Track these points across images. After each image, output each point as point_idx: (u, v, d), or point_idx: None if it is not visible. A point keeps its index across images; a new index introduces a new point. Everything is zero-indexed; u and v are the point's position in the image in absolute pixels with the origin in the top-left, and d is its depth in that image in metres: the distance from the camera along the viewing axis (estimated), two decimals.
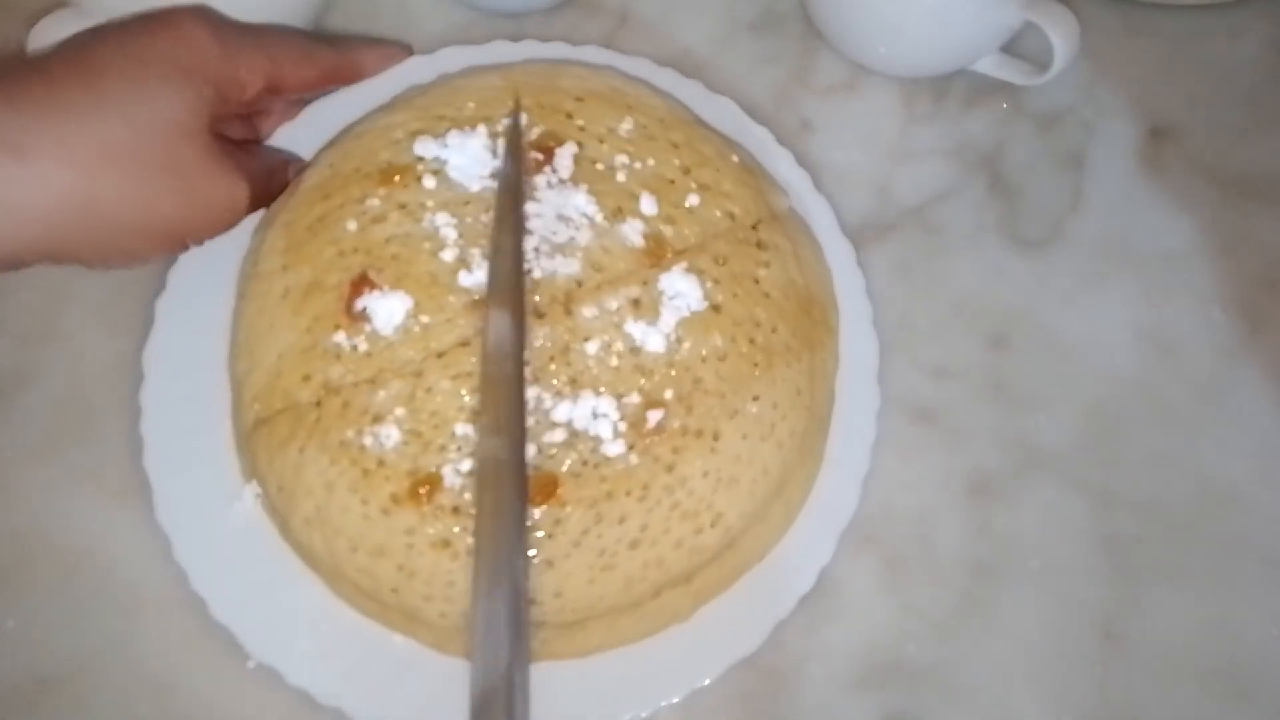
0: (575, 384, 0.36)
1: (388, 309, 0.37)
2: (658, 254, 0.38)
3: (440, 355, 0.37)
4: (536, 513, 0.35)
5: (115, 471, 0.40)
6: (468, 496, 0.35)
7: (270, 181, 0.40)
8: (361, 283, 0.37)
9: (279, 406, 0.37)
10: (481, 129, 0.40)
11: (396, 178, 0.39)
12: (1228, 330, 0.44)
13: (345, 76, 0.42)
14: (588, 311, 0.37)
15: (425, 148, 0.39)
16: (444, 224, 0.38)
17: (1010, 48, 0.45)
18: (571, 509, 0.35)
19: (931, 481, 0.41)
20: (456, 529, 0.35)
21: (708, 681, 0.36)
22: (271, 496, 0.37)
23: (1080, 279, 0.44)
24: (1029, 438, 0.42)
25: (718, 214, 0.40)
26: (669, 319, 0.37)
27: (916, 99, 0.47)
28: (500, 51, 0.44)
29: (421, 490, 0.35)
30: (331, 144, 0.41)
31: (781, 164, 0.43)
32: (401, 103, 0.42)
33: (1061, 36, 0.41)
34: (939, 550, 0.40)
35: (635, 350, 0.37)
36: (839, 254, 0.42)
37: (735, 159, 0.41)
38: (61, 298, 0.42)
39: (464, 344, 0.37)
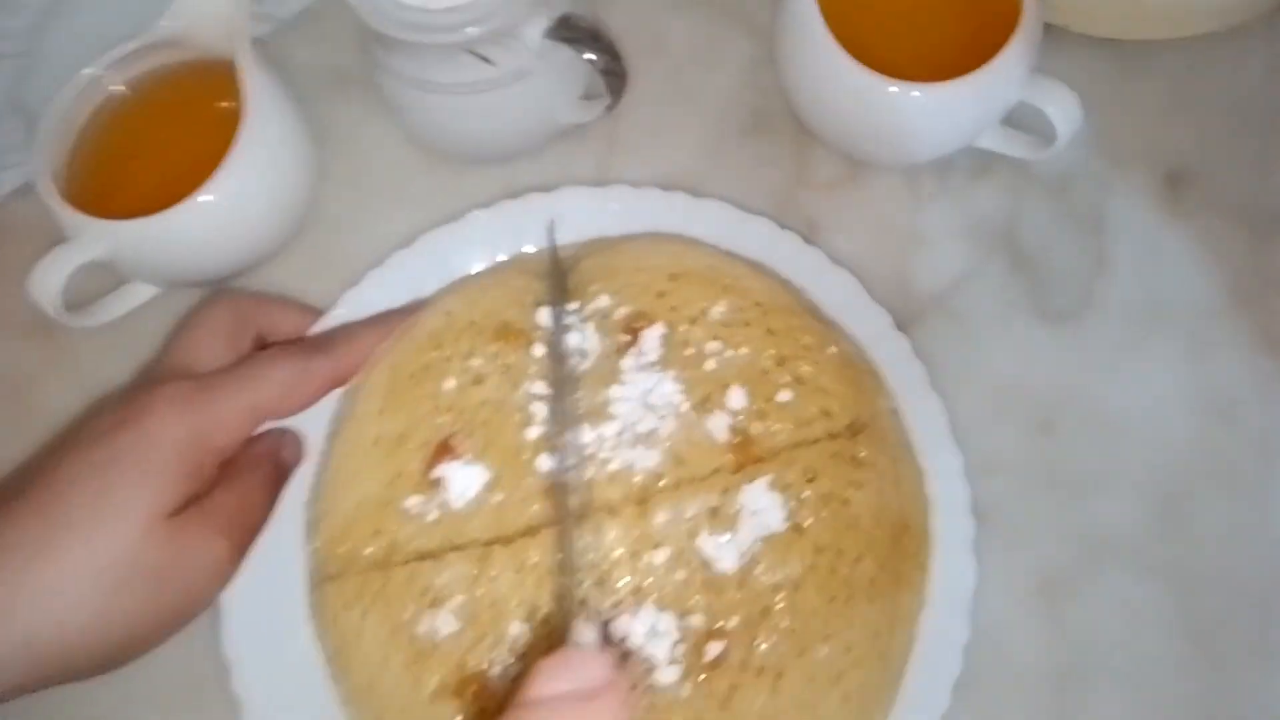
0: (639, 593, 0.35)
1: (464, 480, 0.37)
2: (744, 451, 0.37)
3: (507, 543, 0.36)
4: None
5: (165, 685, 0.39)
6: None
7: (261, 482, 0.38)
8: (444, 450, 0.37)
9: (344, 555, 0.37)
10: (576, 309, 0.40)
11: (510, 339, 0.39)
12: (1277, 377, 0.42)
13: (348, 376, 0.40)
14: (661, 516, 0.36)
15: (544, 317, 0.39)
16: (537, 398, 0.38)
17: (1011, 119, 0.44)
18: None
19: (996, 587, 0.39)
20: None
21: None
22: (330, 652, 0.37)
23: (1119, 347, 0.43)
24: (1092, 525, 0.41)
25: (813, 410, 0.38)
26: (746, 536, 0.35)
27: (921, 181, 0.46)
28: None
29: (469, 689, 0.35)
30: (451, 290, 0.41)
31: (789, 248, 0.42)
32: (533, 271, 0.41)
33: (1061, 113, 0.40)
34: (1015, 662, 0.39)
35: (706, 565, 0.35)
36: (922, 404, 0.40)
37: (834, 350, 0.39)
38: None
39: (531, 532, 0.36)
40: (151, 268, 0.42)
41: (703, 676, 0.34)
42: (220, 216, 0.40)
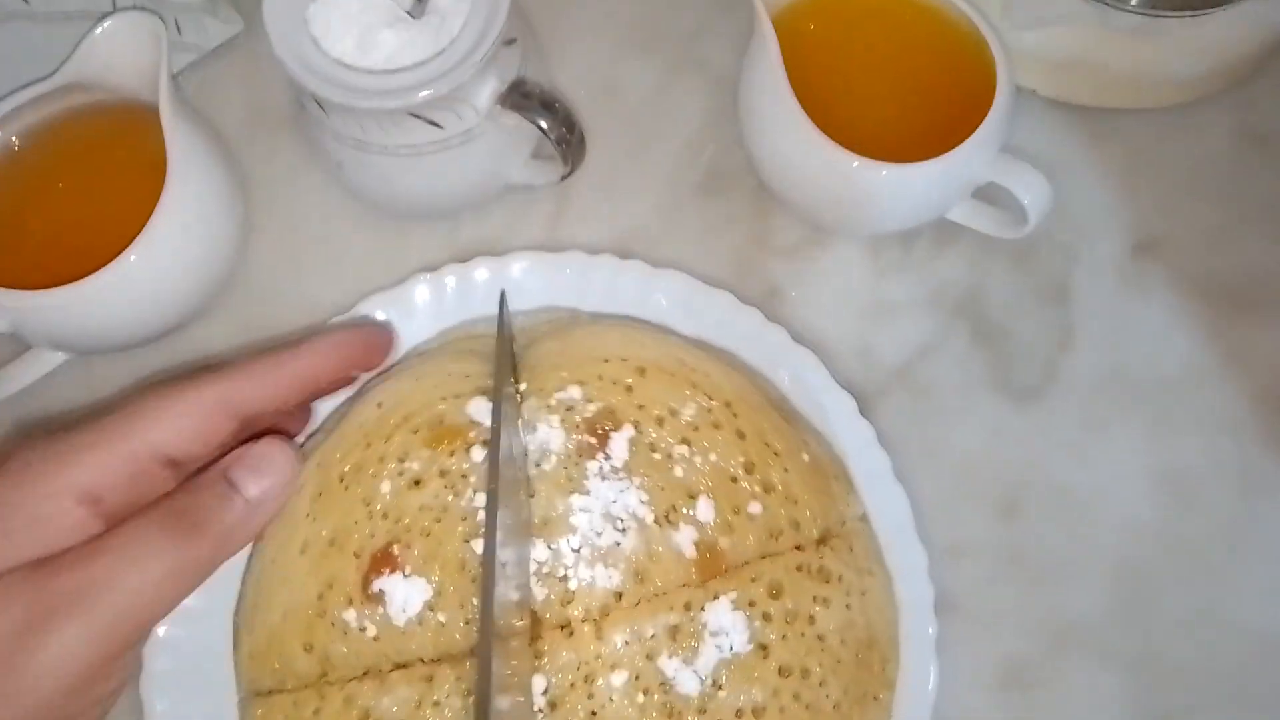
0: (595, 719, 0.33)
1: (405, 595, 0.34)
2: (710, 567, 0.34)
3: (454, 663, 0.34)
4: None
5: None
6: None
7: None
8: (384, 560, 0.34)
9: (274, 670, 0.34)
10: (537, 402, 0.36)
11: (445, 442, 0.35)
12: (1240, 458, 0.42)
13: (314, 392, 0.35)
14: (619, 637, 0.33)
15: (479, 410, 0.36)
16: (483, 506, 0.34)
17: (980, 193, 0.42)
18: None
19: (960, 679, 0.38)
20: None
21: None
22: None
23: (1083, 425, 0.42)
24: (1055, 612, 0.40)
25: (782, 523, 0.36)
26: (708, 659, 0.33)
27: (884, 248, 0.45)
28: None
29: None
30: (385, 375, 0.38)
31: (749, 324, 0.40)
32: (474, 352, 0.38)
33: (1031, 198, 0.38)
34: None
35: (665, 689, 0.33)
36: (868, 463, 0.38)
37: (806, 458, 0.37)
38: None
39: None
40: (64, 337, 0.39)
41: None
42: (143, 281, 0.37)
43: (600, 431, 0.36)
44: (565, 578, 0.34)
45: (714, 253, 0.44)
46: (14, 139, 0.39)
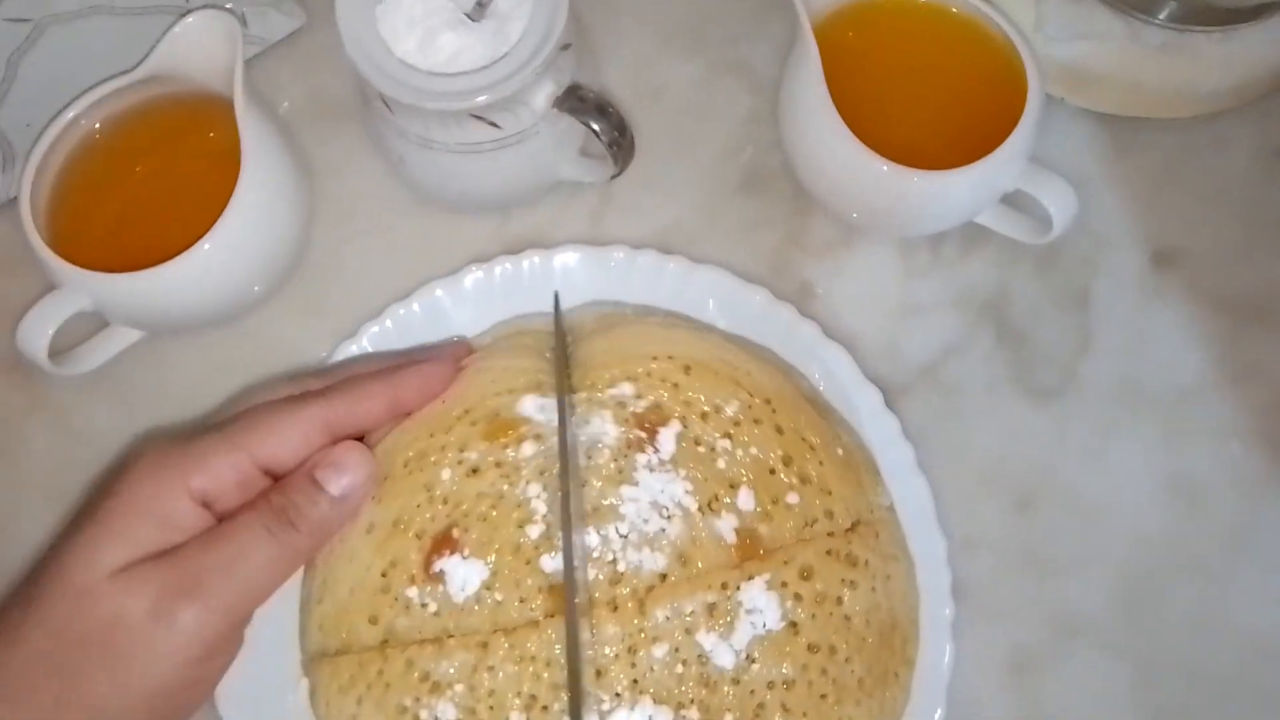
0: (636, 687, 0.36)
1: (464, 576, 0.37)
2: (749, 552, 0.37)
3: (510, 632, 0.36)
4: None
5: None
6: None
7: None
8: (444, 542, 0.37)
9: (342, 638, 0.37)
10: (588, 396, 0.39)
11: (500, 435, 0.38)
12: (1248, 466, 0.44)
13: (346, 423, 0.38)
14: (661, 613, 0.36)
15: (529, 407, 0.39)
16: (535, 495, 0.37)
17: (1008, 199, 0.44)
18: None
19: (972, 663, 0.41)
20: None
21: None
22: None
23: (1098, 428, 0.44)
24: (1065, 606, 0.42)
25: (817, 512, 0.38)
26: (743, 635, 0.36)
27: (914, 250, 0.46)
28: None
29: None
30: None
31: (784, 320, 0.42)
32: (527, 348, 0.40)
33: (1057, 206, 0.40)
34: None
35: (703, 660, 0.36)
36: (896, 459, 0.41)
37: (840, 451, 0.39)
38: None
39: (533, 625, 0.36)
40: (142, 316, 0.41)
41: None
42: (217, 267, 0.40)
43: (648, 426, 0.38)
44: (614, 561, 0.37)
45: (750, 250, 0.46)
46: (96, 126, 0.41)
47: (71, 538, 0.34)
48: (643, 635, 0.36)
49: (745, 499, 0.37)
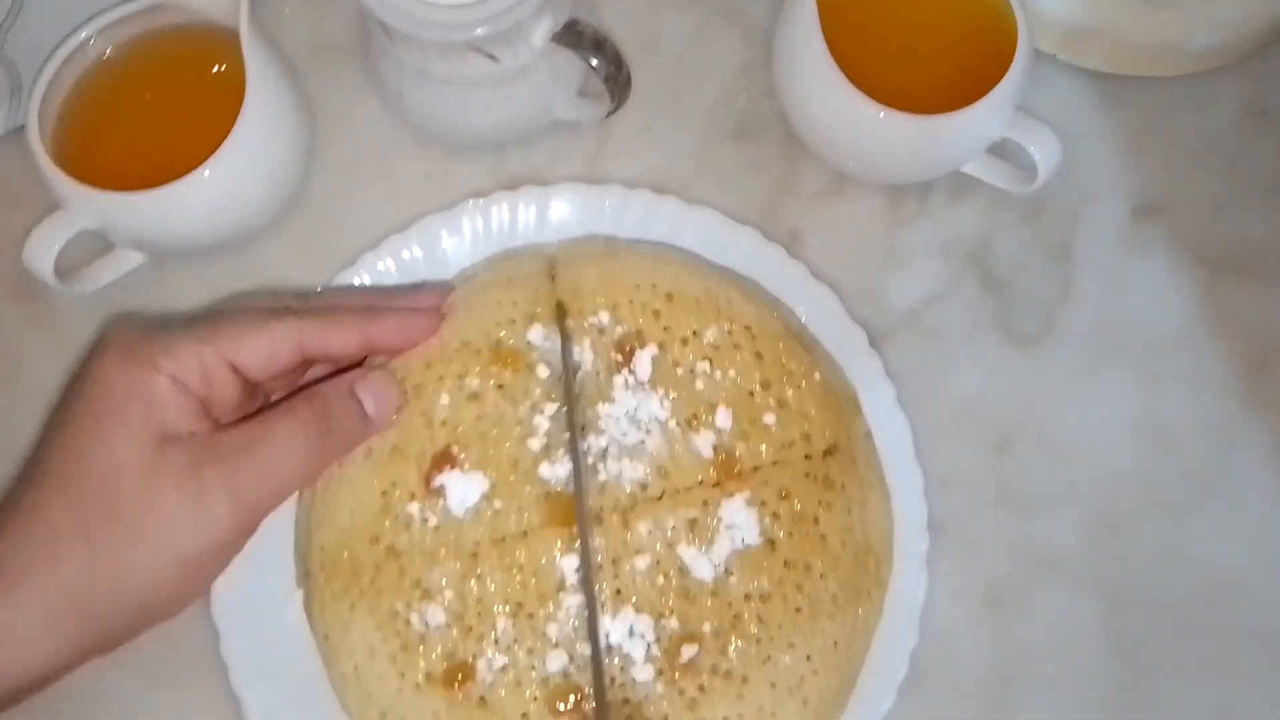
0: (620, 596, 0.37)
1: (464, 489, 0.38)
2: (727, 468, 0.38)
3: (499, 541, 0.37)
4: None
5: (154, 656, 0.40)
6: (502, 693, 0.36)
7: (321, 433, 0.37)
8: (444, 459, 0.38)
9: (344, 557, 0.38)
10: (575, 323, 0.40)
11: (506, 362, 0.39)
12: (1219, 415, 0.45)
13: (319, 341, 0.38)
14: (644, 527, 0.38)
15: (537, 336, 0.40)
16: (539, 414, 0.39)
17: (995, 148, 0.45)
18: None
19: (945, 596, 0.42)
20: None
21: None
22: (318, 641, 0.38)
23: (1076, 373, 0.45)
24: (1037, 542, 0.43)
25: (794, 434, 0.39)
26: (722, 549, 0.38)
27: (902, 199, 0.47)
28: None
29: (456, 678, 0.36)
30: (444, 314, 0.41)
31: (773, 260, 0.44)
32: (518, 280, 0.41)
33: (1042, 154, 0.41)
34: (959, 665, 0.42)
35: (683, 573, 0.37)
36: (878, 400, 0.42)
37: (818, 377, 0.41)
38: None
39: (524, 534, 0.38)
40: (144, 238, 0.42)
41: (676, 676, 0.37)
42: (218, 192, 0.41)
43: (626, 350, 0.39)
44: (596, 471, 0.38)
45: (741, 196, 0.47)
46: (108, 49, 0.42)
47: (73, 427, 0.35)
48: (625, 547, 0.37)
49: (723, 418, 0.39)
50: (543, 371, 0.39)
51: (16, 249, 0.41)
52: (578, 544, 0.37)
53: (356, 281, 0.43)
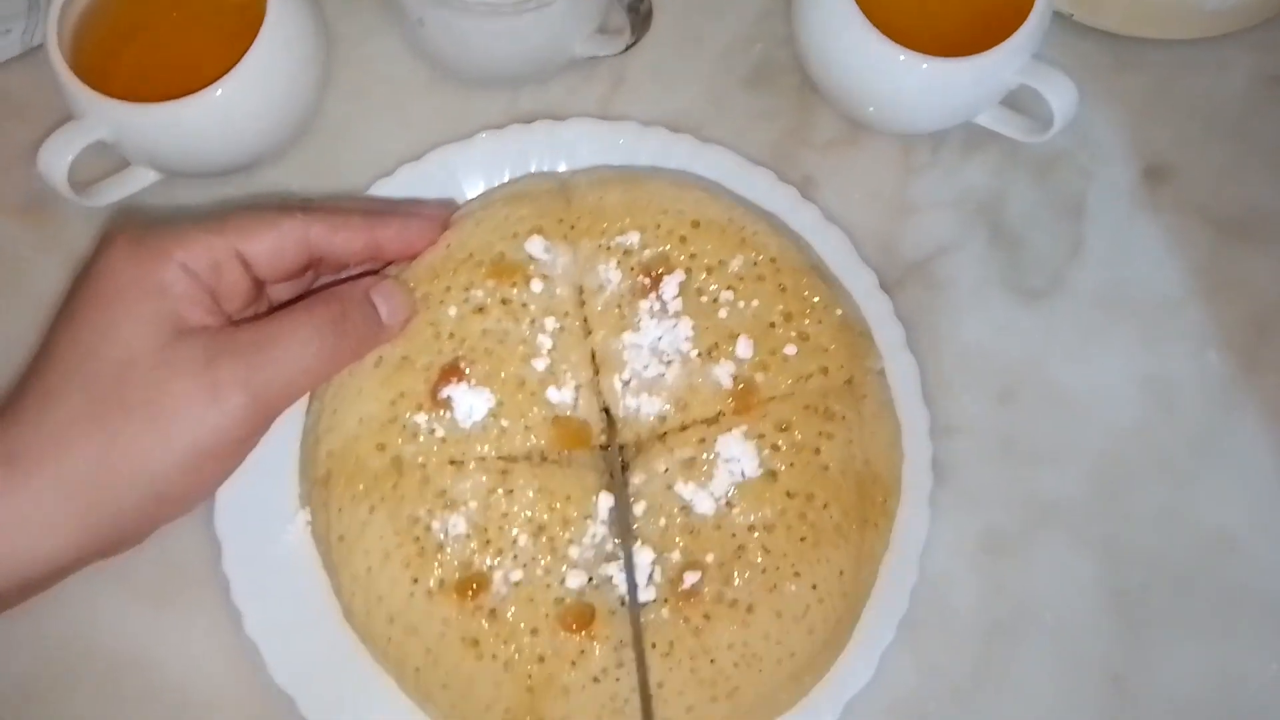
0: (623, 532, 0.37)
1: (470, 403, 0.38)
2: (745, 399, 0.39)
3: (535, 464, 0.38)
4: (574, 640, 0.37)
5: (154, 575, 0.41)
6: (513, 608, 0.36)
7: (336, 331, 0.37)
8: (451, 371, 0.38)
9: (350, 465, 0.38)
10: (596, 244, 0.40)
11: (505, 276, 0.39)
12: (1223, 375, 0.45)
13: (327, 239, 0.38)
14: (637, 479, 0.38)
15: (536, 248, 0.40)
16: (540, 332, 0.39)
17: (1009, 99, 0.45)
18: (599, 645, 0.37)
19: (945, 541, 0.42)
20: (489, 632, 0.37)
21: None
22: (331, 544, 0.38)
23: (1083, 329, 0.46)
24: (1038, 493, 0.43)
25: (812, 367, 0.39)
26: (721, 482, 0.38)
27: (915, 150, 0.48)
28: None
29: (470, 588, 0.37)
30: (449, 223, 0.42)
31: (786, 201, 0.44)
32: (527, 195, 0.42)
33: (1059, 101, 0.41)
34: (955, 610, 0.42)
35: (685, 511, 0.38)
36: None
37: (839, 312, 0.41)
38: None
39: (544, 459, 0.38)
40: (157, 154, 0.42)
41: (680, 604, 0.37)
42: (232, 111, 0.41)
43: (654, 274, 0.39)
44: (614, 405, 0.38)
45: (755, 143, 0.47)
46: None
47: (82, 318, 0.35)
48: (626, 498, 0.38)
49: (744, 348, 0.39)
50: (536, 286, 0.39)
51: (27, 165, 0.41)
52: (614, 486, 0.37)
53: None
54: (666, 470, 0.38)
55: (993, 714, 0.41)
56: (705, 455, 0.38)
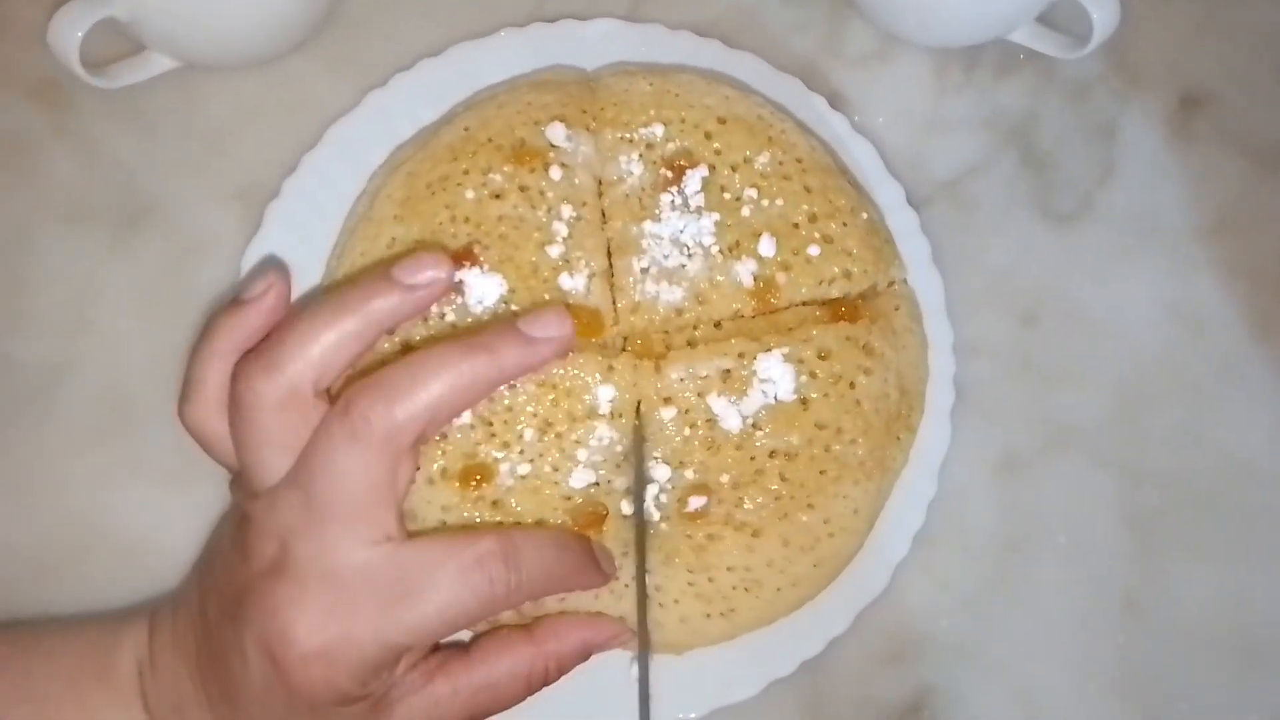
0: (645, 442, 0.36)
1: (482, 288, 0.37)
2: (765, 298, 0.38)
3: None
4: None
5: (162, 461, 0.41)
6: (514, 501, 0.36)
7: None
8: (464, 255, 0.37)
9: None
10: (619, 135, 0.39)
11: (526, 159, 0.38)
12: (1252, 306, 0.45)
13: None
14: (675, 374, 0.37)
15: (557, 134, 0.39)
16: (557, 219, 0.38)
17: (1045, 17, 0.44)
18: (611, 546, 0.37)
19: (962, 459, 0.42)
20: (491, 520, 0.36)
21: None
22: None
23: (1110, 254, 0.45)
24: (1057, 415, 0.43)
25: (835, 271, 0.39)
26: (753, 402, 0.37)
27: (948, 68, 0.47)
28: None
29: (474, 476, 0.36)
30: (470, 106, 0.41)
31: (814, 110, 0.43)
32: (551, 83, 0.41)
33: (1100, 12, 0.40)
34: (970, 527, 0.42)
35: (711, 425, 0.37)
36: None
37: (865, 216, 0.40)
38: (94, 291, 0.42)
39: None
40: (172, 36, 0.41)
41: (683, 523, 0.37)
42: None
43: (677, 167, 0.39)
44: (631, 291, 0.38)
45: (785, 54, 0.46)
46: None
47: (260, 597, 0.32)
48: (656, 395, 0.37)
49: (767, 246, 0.38)
50: (555, 173, 0.38)
51: (41, 44, 0.40)
52: (614, 375, 0.36)
53: (385, 99, 0.42)
54: (705, 377, 0.37)
55: (1004, 630, 0.41)
56: (743, 371, 0.37)
